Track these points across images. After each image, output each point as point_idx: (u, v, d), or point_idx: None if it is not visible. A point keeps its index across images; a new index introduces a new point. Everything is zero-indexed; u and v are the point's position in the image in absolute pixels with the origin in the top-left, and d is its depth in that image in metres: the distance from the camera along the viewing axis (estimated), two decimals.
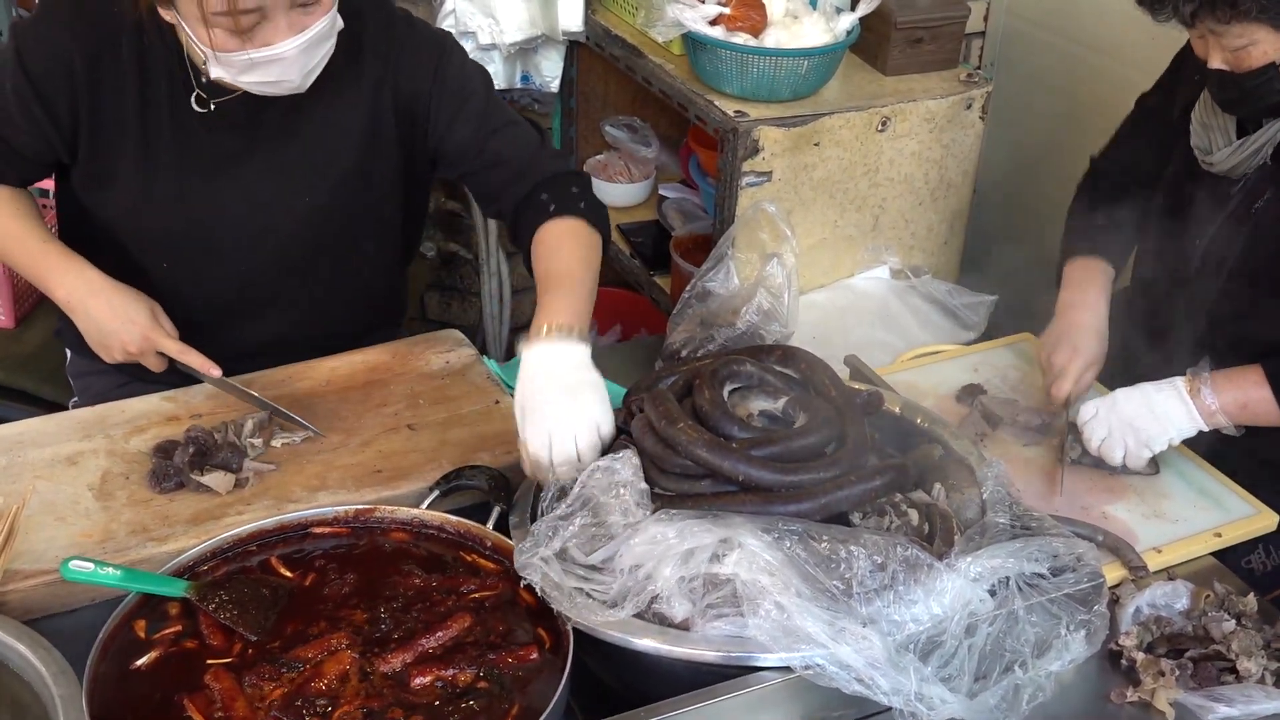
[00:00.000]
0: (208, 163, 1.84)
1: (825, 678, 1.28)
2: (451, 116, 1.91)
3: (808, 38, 2.42)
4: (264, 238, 1.90)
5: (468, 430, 1.80)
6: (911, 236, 2.68)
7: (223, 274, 1.93)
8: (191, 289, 1.91)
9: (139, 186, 1.84)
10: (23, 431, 1.76)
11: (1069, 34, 3.10)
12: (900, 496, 1.50)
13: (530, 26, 2.78)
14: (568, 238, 1.82)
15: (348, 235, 1.97)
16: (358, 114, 1.88)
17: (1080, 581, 1.42)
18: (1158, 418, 1.79)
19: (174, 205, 1.85)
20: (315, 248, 1.95)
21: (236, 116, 1.82)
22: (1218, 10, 1.64)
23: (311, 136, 1.86)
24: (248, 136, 1.84)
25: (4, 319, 2.52)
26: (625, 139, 3.08)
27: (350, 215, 1.94)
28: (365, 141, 1.89)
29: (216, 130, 1.83)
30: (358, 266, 2.02)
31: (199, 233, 1.88)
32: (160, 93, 1.80)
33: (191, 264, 1.91)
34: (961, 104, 2.58)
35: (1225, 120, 1.84)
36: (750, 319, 1.82)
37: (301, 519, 1.56)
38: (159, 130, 1.81)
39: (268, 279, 1.95)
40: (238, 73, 1.67)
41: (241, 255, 1.91)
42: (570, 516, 1.42)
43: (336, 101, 1.85)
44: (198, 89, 1.80)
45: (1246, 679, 1.46)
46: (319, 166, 1.88)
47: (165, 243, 1.89)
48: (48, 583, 1.49)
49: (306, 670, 1.35)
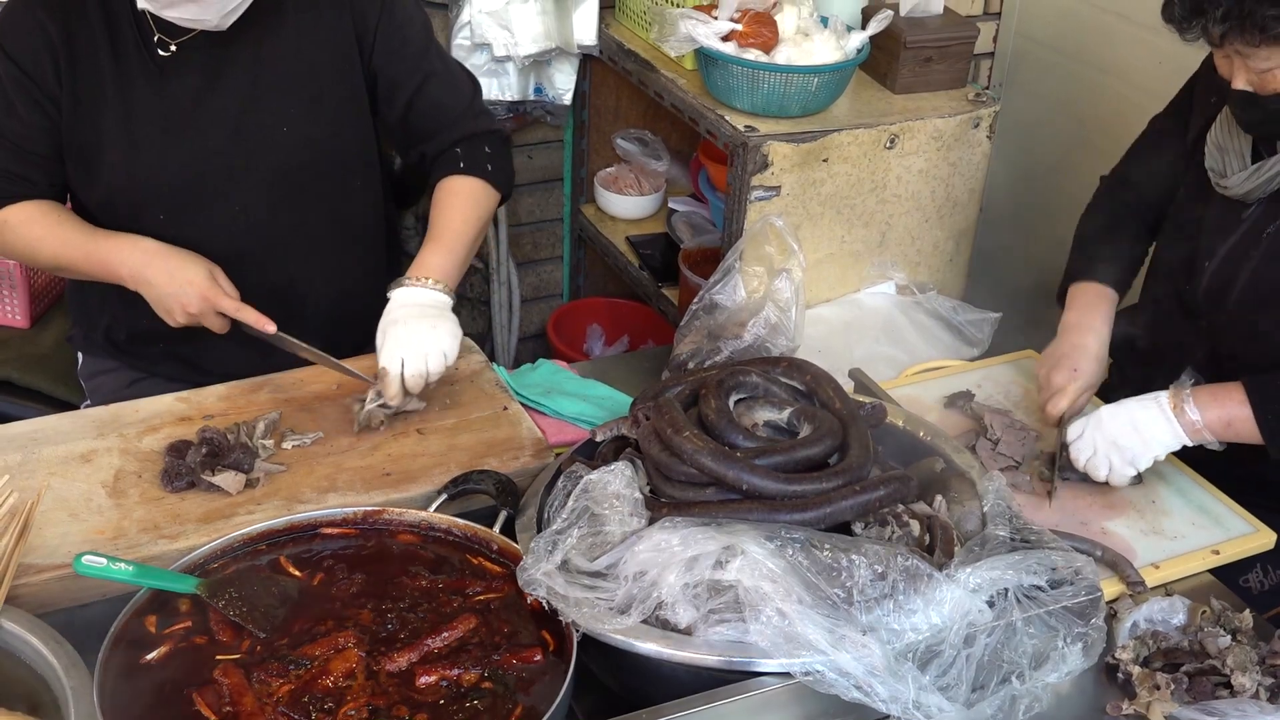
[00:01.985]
0: (182, 106, 1.92)
1: (825, 684, 1.30)
2: (394, 53, 2.01)
3: (818, 55, 2.45)
4: (249, 173, 1.97)
5: (476, 435, 1.82)
6: (918, 253, 2.70)
7: (217, 217, 1.98)
8: (191, 238, 1.95)
9: (125, 139, 1.91)
10: (38, 429, 1.78)
11: (1078, 55, 3.13)
12: (902, 507, 1.51)
13: (545, 39, 2.81)
14: (464, 196, 2.01)
15: (330, 165, 2.04)
16: (320, 39, 1.97)
17: (1078, 594, 1.44)
18: (1141, 435, 1.79)
19: (159, 151, 1.92)
20: (300, 182, 2.01)
21: (200, 57, 1.90)
22: (1247, 33, 1.64)
23: (278, 65, 1.95)
24: (215, 73, 1.92)
25: (20, 319, 2.55)
26: (637, 152, 3.11)
27: (328, 142, 2.02)
28: (330, 67, 1.99)
29: (184, 72, 1.91)
30: (345, 201, 2.08)
31: (187, 176, 1.94)
32: (127, 44, 1.89)
33: (186, 211, 1.96)
34: (969, 123, 2.60)
35: (1241, 144, 1.85)
36: (757, 332, 1.85)
37: (311, 519, 1.58)
38: (133, 80, 1.89)
39: (261, 219, 2.00)
40: (160, 7, 1.79)
41: (232, 193, 1.97)
42: (568, 529, 1.44)
43: (296, 32, 1.95)
44: (158, 33, 1.88)
45: (1241, 694, 1.48)
46: (290, 93, 1.96)
47: (158, 193, 1.94)
48: (61, 577, 1.51)
49: (313, 668, 1.37)
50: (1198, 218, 1.94)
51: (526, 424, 1.85)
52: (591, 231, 3.19)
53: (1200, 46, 1.74)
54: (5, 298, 2.52)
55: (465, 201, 2.01)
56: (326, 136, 2.02)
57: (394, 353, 1.79)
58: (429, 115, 2.06)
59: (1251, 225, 1.86)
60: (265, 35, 1.93)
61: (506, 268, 3.13)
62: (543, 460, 1.77)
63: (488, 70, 2.85)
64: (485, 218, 2.04)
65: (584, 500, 1.45)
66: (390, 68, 2.03)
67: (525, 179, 3.17)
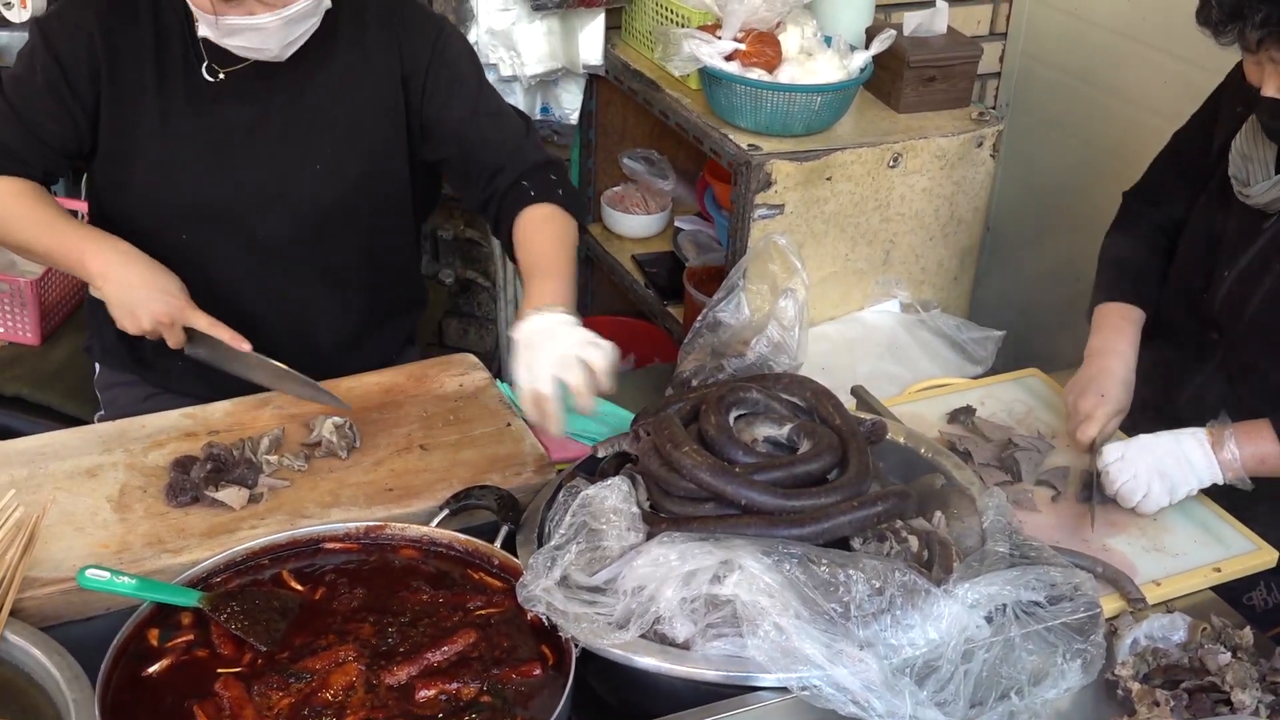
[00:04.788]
0: (222, 131, 1.93)
1: (822, 699, 1.30)
2: (448, 94, 2.01)
3: (821, 74, 2.47)
4: (279, 204, 1.98)
5: (478, 451, 1.83)
6: (922, 271, 2.71)
7: (241, 243, 1.99)
8: (212, 260, 1.97)
9: (158, 156, 1.92)
10: (45, 444, 1.80)
11: (1084, 76, 3.14)
12: (901, 523, 1.52)
13: (551, 60, 2.84)
14: (548, 222, 1.96)
15: (362, 203, 2.04)
16: (365, 80, 1.98)
17: (1077, 610, 1.44)
18: (1183, 466, 1.79)
19: (193, 173, 1.94)
20: (330, 217, 2.02)
21: (247, 85, 1.92)
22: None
23: (321, 102, 1.96)
24: (259, 104, 1.93)
25: (31, 337, 2.57)
26: (643, 171, 3.13)
27: (361, 181, 2.02)
28: (373, 106, 1.99)
29: (228, 99, 1.92)
30: (371, 240, 2.08)
31: (217, 201, 1.96)
32: (175, 64, 1.91)
33: (209, 234, 1.97)
34: (972, 142, 2.61)
35: (1266, 153, 1.85)
36: (760, 350, 1.85)
37: (313, 534, 1.59)
38: (175, 100, 1.91)
39: (284, 248, 2.01)
40: (222, 35, 1.81)
41: (258, 222, 1.98)
42: (566, 544, 1.45)
43: (344, 68, 1.96)
44: (208, 59, 1.90)
45: (1240, 711, 1.47)
46: (330, 130, 1.97)
47: (185, 213, 1.96)
48: (64, 590, 1.52)
49: (314, 681, 1.38)
50: (1218, 228, 1.95)
51: (529, 440, 1.86)
52: (598, 250, 3.20)
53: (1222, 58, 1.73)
54: (16, 315, 2.55)
55: (550, 228, 1.95)
56: (362, 175, 2.01)
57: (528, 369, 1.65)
58: (489, 150, 2.03)
59: (1273, 236, 1.87)
60: (313, 71, 1.94)
61: (513, 286, 3.14)
62: (545, 476, 1.78)
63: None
64: (572, 242, 1.96)
65: (582, 515, 1.46)
66: (445, 107, 2.02)
67: None
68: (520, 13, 2.77)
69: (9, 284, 2.51)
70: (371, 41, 1.98)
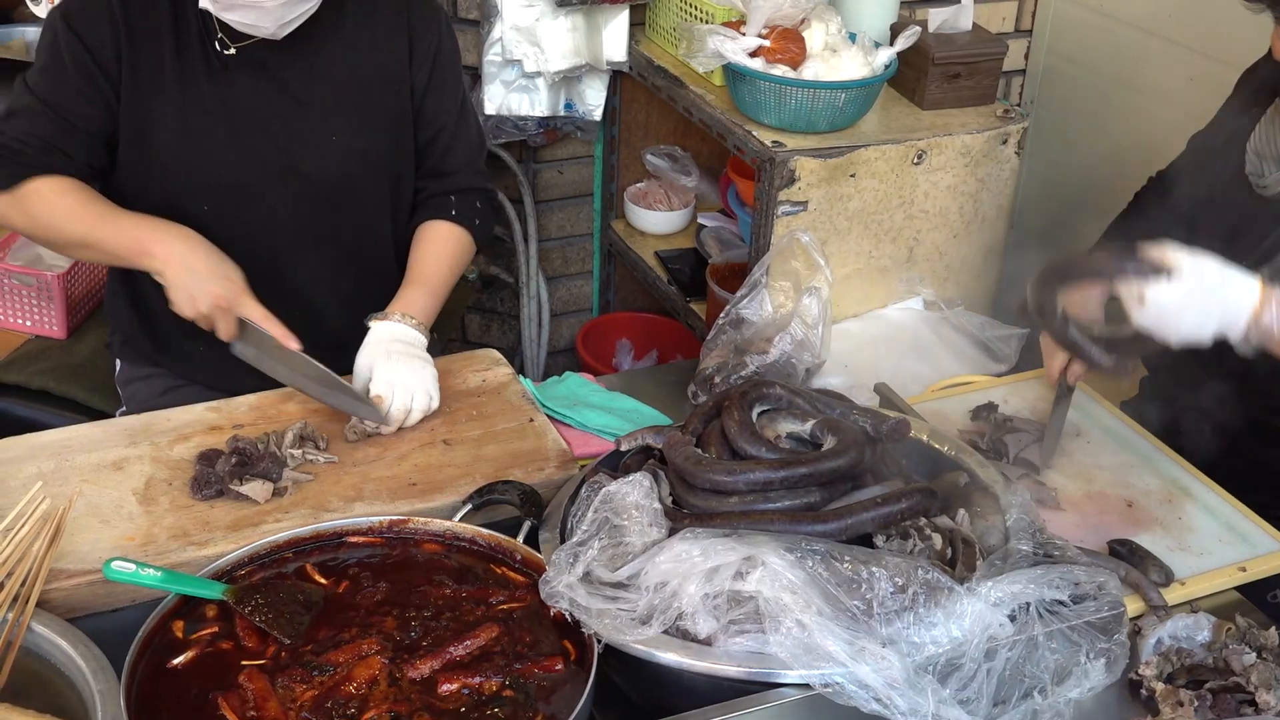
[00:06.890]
0: (240, 104, 1.97)
1: (844, 696, 1.30)
2: (434, 82, 2.09)
3: (846, 71, 2.46)
4: (294, 177, 2.02)
5: (501, 447, 1.84)
6: (945, 269, 2.70)
7: (254, 216, 2.03)
8: (230, 231, 1.98)
9: (180, 129, 1.96)
10: (72, 437, 1.81)
11: (1110, 73, 3.12)
12: (925, 520, 1.51)
13: (574, 56, 2.84)
14: (448, 242, 2.12)
15: (374, 177, 2.09)
16: (376, 54, 2.04)
17: (1101, 610, 1.43)
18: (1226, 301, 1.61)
19: (211, 146, 1.98)
20: (343, 190, 2.06)
21: (260, 58, 1.96)
22: None
23: (334, 76, 2.01)
24: (272, 77, 1.98)
25: (57, 330, 2.59)
26: (666, 168, 3.12)
27: (375, 155, 2.07)
28: (385, 80, 2.05)
29: (244, 73, 1.97)
30: (381, 216, 2.13)
31: (234, 173, 2.00)
32: (192, 40, 1.95)
33: (226, 206, 2.00)
34: (997, 139, 2.60)
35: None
36: (783, 347, 1.86)
37: (337, 528, 1.60)
38: (194, 73, 1.95)
39: (296, 223, 2.05)
40: (220, 9, 1.87)
41: (272, 195, 2.02)
42: (589, 540, 1.45)
43: (356, 43, 2.01)
44: (221, 33, 1.94)
45: (1265, 711, 1.47)
46: (342, 103, 2.02)
47: (204, 188, 1.99)
48: (90, 582, 1.53)
49: (337, 674, 1.39)
50: (1231, 221, 1.93)
51: (552, 436, 1.87)
52: (621, 246, 3.20)
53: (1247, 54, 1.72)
54: (43, 309, 2.57)
55: (453, 248, 2.12)
56: (374, 149, 2.07)
57: (387, 383, 1.85)
58: (443, 156, 2.14)
59: None
60: (323, 45, 1.99)
61: (536, 282, 3.15)
62: (567, 472, 1.78)
63: (519, 86, 2.88)
64: (462, 266, 2.15)
65: (604, 511, 1.46)
66: (428, 97, 2.10)
67: (556, 194, 3.19)
68: (545, 9, 2.77)
69: (36, 278, 2.53)
70: (381, 20, 2.04)
